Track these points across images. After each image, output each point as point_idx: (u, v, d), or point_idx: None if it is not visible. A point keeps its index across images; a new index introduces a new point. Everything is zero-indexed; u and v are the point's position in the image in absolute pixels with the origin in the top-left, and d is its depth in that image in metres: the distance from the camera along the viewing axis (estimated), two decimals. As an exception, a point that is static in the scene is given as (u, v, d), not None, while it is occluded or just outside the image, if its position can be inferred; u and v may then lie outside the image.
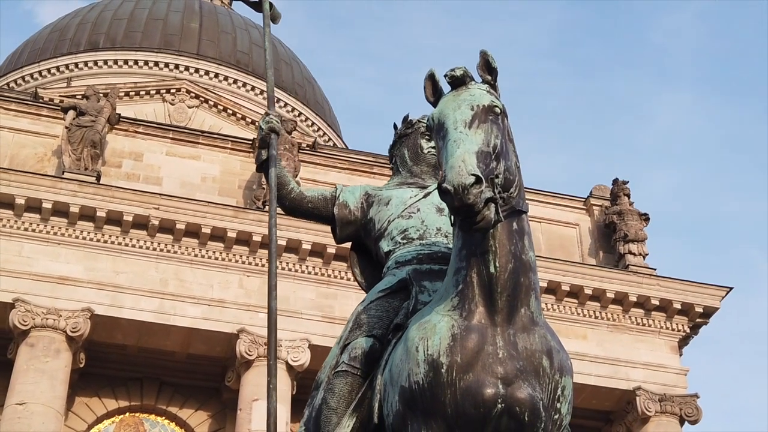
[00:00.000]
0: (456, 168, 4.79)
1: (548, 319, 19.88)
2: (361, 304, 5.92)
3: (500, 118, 5.23)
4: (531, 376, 5.05)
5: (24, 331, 19.31)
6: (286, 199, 6.31)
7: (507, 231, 5.15)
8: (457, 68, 5.36)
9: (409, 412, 5.13)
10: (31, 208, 20.34)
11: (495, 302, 5.12)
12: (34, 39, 36.49)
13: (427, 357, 5.05)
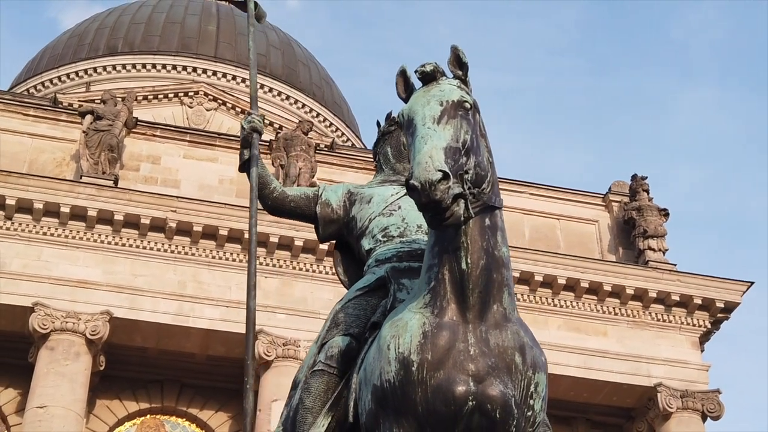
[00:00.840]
0: (423, 164, 4.74)
1: (568, 316, 19.96)
2: (339, 303, 5.90)
3: (471, 113, 5.17)
4: (503, 373, 5.01)
5: (44, 334, 19.44)
6: (268, 199, 6.32)
7: (479, 227, 5.11)
8: (428, 64, 5.32)
9: (381, 411, 5.11)
10: (49, 212, 20.48)
11: (467, 299, 5.09)
12: (53, 45, 36.73)
13: (398, 355, 5.03)
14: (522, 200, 24.71)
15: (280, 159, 22.93)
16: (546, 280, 22.67)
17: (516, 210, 24.48)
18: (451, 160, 4.85)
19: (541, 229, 24.57)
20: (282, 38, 37.44)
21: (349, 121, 38.02)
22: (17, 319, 19.78)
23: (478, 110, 5.33)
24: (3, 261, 20.04)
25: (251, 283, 5.96)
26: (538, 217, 24.72)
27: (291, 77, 35.56)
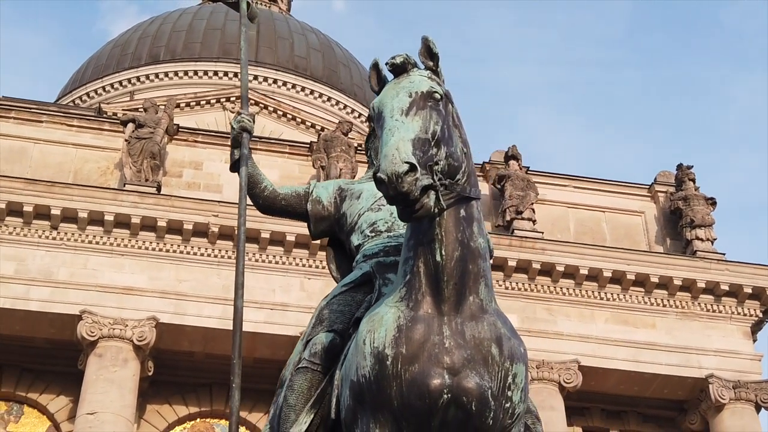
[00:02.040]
0: (389, 156, 4.67)
1: (615, 309, 19.78)
2: (325, 299, 5.86)
3: (442, 104, 5.09)
4: (479, 365, 4.94)
5: (92, 342, 19.68)
6: (259, 198, 6.29)
7: (454, 218, 5.04)
8: (398, 56, 5.24)
9: (359, 406, 5.08)
10: (94, 221, 20.73)
11: (441, 291, 5.04)
12: (97, 55, 37.19)
13: (373, 350, 4.98)
14: (566, 194, 24.52)
15: (320, 160, 22.97)
16: (591, 273, 22.46)
17: (560, 204, 24.33)
18: (420, 152, 4.78)
19: (587, 222, 24.35)
20: (322, 40, 37.54)
21: (391, 121, 37.95)
22: (66, 327, 20.05)
23: (451, 101, 5.25)
24: (50, 270, 20.34)
25: (239, 282, 5.97)
26: (583, 210, 24.50)
27: (332, 78, 35.65)
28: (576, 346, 21.69)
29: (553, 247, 22.47)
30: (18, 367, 21.04)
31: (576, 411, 22.30)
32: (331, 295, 5.85)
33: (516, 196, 23.18)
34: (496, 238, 22.34)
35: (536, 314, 22.01)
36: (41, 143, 22.63)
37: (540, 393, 20.92)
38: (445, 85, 5.26)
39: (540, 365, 21.16)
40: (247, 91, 6.65)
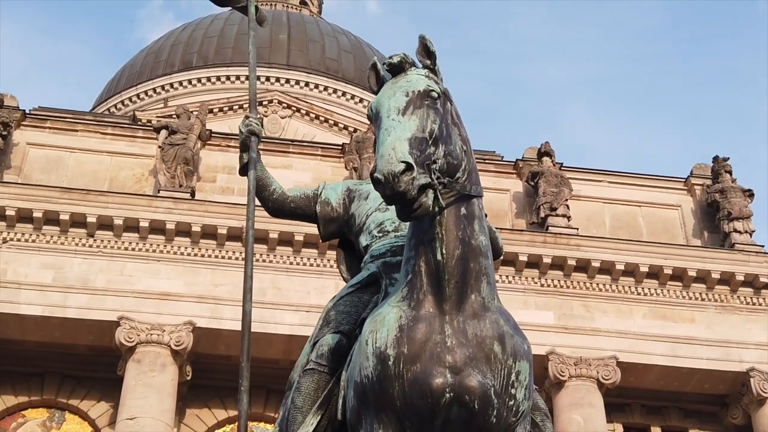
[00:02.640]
0: (386, 156, 4.66)
1: (653, 304, 19.56)
2: (332, 301, 5.86)
3: (439, 102, 5.06)
4: (482, 363, 4.92)
5: (130, 347, 19.85)
6: (269, 201, 6.28)
7: (454, 217, 5.03)
8: (395, 55, 5.22)
9: (363, 407, 5.07)
10: (129, 227, 20.92)
11: (443, 290, 5.02)
12: (131, 63, 37.51)
13: (375, 350, 4.98)
14: (601, 189, 24.37)
15: (353, 162, 22.99)
16: (628, 268, 22.29)
17: (595, 199, 24.18)
18: (417, 151, 4.76)
19: (623, 217, 24.17)
20: (353, 42, 37.60)
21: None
22: (104, 333, 20.24)
23: (450, 98, 5.21)
24: (88, 277, 20.54)
25: (247, 286, 5.93)
26: (619, 205, 24.33)
27: (363, 80, 35.62)
28: (614, 342, 21.54)
29: (589, 243, 22.33)
30: (59, 374, 21.28)
31: (616, 408, 22.14)
32: (338, 296, 5.85)
33: (550, 192, 23.06)
34: (530, 235, 22.27)
35: (573, 311, 21.88)
36: (77, 152, 22.86)
37: (578, 390, 20.83)
38: (443, 83, 5.23)
39: (578, 362, 21.04)
40: (255, 95, 6.66)
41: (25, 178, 22.07)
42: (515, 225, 23.27)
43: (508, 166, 24.65)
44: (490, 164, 25.02)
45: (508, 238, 22.08)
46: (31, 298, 20.23)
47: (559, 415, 20.78)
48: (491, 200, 23.84)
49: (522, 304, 21.71)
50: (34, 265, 20.54)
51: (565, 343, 21.32)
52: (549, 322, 21.56)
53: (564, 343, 21.30)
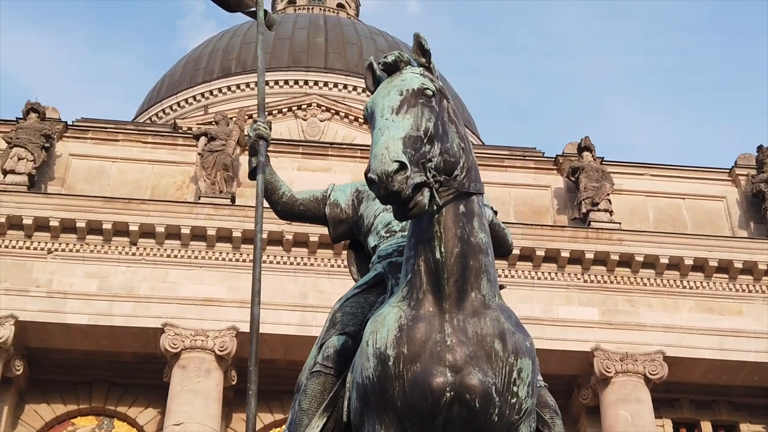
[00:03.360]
0: (379, 156, 4.62)
1: (699, 297, 19.27)
2: (338, 302, 5.82)
3: (435, 100, 5.01)
4: (482, 362, 4.86)
5: (175, 354, 20.01)
6: (278, 204, 6.25)
7: (453, 214, 4.99)
8: (390, 54, 5.20)
9: (365, 408, 5.04)
10: (171, 234, 21.08)
11: (443, 288, 4.98)
12: (171, 72, 37.82)
13: (376, 351, 4.95)
14: (643, 182, 24.13)
15: (392, 163, 22.97)
16: (672, 262, 22.03)
17: (638, 193, 23.95)
18: (411, 150, 4.72)
19: (666, 210, 23.90)
20: (390, 43, 37.58)
21: (464, 119, 37.86)
22: (149, 340, 20.42)
23: (446, 96, 5.16)
24: (132, 285, 20.74)
25: (255, 289, 5.93)
26: (663, 198, 24.06)
27: (402, 80, 35.66)
28: (660, 337, 21.30)
29: (632, 237, 22.11)
30: (107, 382, 21.51)
31: (664, 403, 21.90)
32: (345, 297, 5.83)
33: (591, 187, 22.87)
34: (572, 231, 22.09)
35: (617, 306, 21.67)
36: (118, 161, 23.09)
37: (625, 386, 20.63)
38: (439, 81, 5.19)
39: (624, 358, 20.83)
40: (263, 99, 6.65)
41: (69, 189, 22.34)
42: (557, 221, 23.11)
43: (548, 162, 24.49)
44: (530, 161, 24.88)
45: (549, 234, 21.96)
46: (76, 307, 20.47)
47: (606, 411, 20.60)
48: (532, 197, 23.72)
49: (565, 301, 21.58)
50: (79, 274, 20.78)
51: (611, 339, 21.12)
52: (593, 318, 21.38)
53: (609, 339, 21.11)
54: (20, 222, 20.88)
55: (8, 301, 20.24)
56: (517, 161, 24.74)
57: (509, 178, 23.93)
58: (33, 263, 20.87)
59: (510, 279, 21.62)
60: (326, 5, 42.90)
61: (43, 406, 21.28)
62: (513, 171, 24.20)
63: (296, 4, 43.34)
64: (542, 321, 21.20)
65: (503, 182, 23.76)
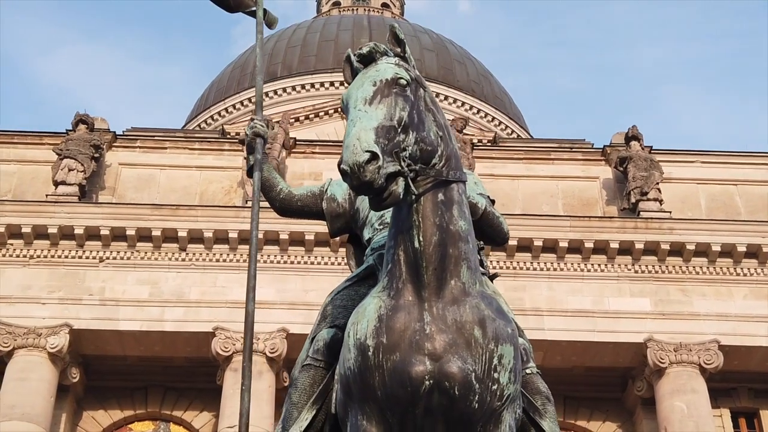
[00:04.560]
0: (351, 147, 4.63)
1: (753, 284, 18.95)
2: (329, 296, 5.84)
3: (409, 89, 5.01)
4: (462, 349, 4.86)
5: (226, 357, 20.18)
6: (276, 201, 6.28)
7: (432, 203, 4.99)
8: (364, 46, 5.21)
9: (348, 399, 5.06)
10: (219, 239, 21.28)
11: (421, 277, 4.98)
12: (218, 79, 38.17)
13: (356, 341, 4.97)
14: (693, 170, 23.80)
15: (437, 160, 22.93)
16: (725, 249, 21.69)
17: (689, 181, 23.63)
18: (385, 139, 4.72)
19: (719, 197, 23.54)
20: (435, 40, 37.54)
21: (512, 113, 37.67)
22: (201, 344, 20.61)
23: (423, 85, 5.16)
24: (182, 291, 20.97)
25: (250, 286, 5.95)
26: (714, 185, 23.71)
27: (447, 77, 35.60)
28: (714, 326, 20.99)
29: (682, 225, 21.81)
30: (162, 387, 21.77)
31: (722, 392, 21.56)
32: (336, 290, 5.86)
33: (639, 177, 22.60)
34: (621, 221, 21.87)
35: (670, 296, 21.39)
36: (167, 169, 23.35)
37: (680, 376, 20.37)
38: (415, 70, 5.18)
39: (678, 348, 20.56)
40: (261, 98, 6.67)
41: (119, 198, 22.65)
42: (606, 212, 22.89)
43: (596, 153, 24.27)
44: (578, 152, 24.68)
45: (597, 226, 21.76)
46: (129, 314, 20.75)
47: (661, 402, 20.36)
48: (580, 189, 23.52)
49: (616, 292, 21.36)
50: (131, 281, 21.06)
51: (664, 330, 20.86)
52: (645, 309, 21.13)
53: (662, 330, 20.85)
54: (72, 232, 21.22)
55: (62, 310, 20.59)
56: (564, 154, 24.56)
57: (557, 170, 23.77)
58: (86, 272, 21.20)
59: (559, 272, 21.50)
60: (371, 5, 43.00)
61: (100, 412, 21.62)
62: (560, 163, 24.03)
63: (341, 6, 43.52)
64: (593, 313, 21.04)
65: (551, 175, 23.63)
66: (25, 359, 20.07)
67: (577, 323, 20.92)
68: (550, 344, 20.93)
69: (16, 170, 23.05)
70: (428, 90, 5.24)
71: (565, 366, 21.44)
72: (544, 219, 21.89)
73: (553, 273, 21.50)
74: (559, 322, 20.94)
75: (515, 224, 21.60)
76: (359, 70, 5.21)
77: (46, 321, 20.41)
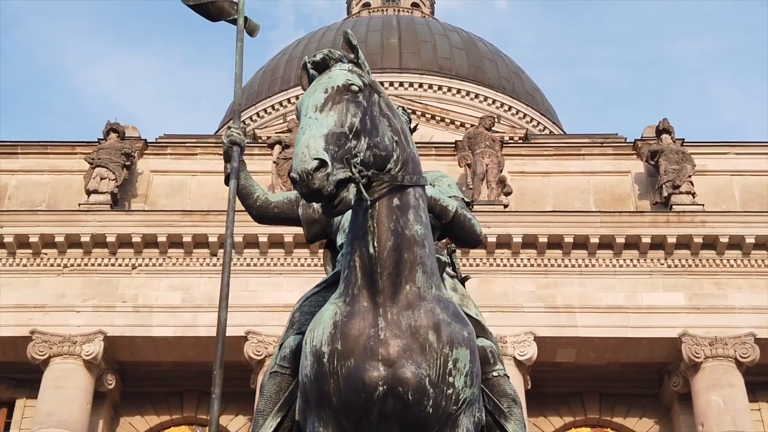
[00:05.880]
0: (299, 155, 4.64)
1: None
2: (298, 302, 5.83)
3: (362, 95, 5.01)
4: (416, 354, 4.85)
5: (259, 361, 20.27)
6: (252, 208, 6.28)
7: (387, 208, 4.98)
8: (318, 53, 5.22)
9: (306, 406, 5.07)
10: (249, 243, 21.38)
11: (376, 282, 4.98)
12: (250, 84, 38.29)
13: (312, 348, 4.98)
14: (727, 162, 23.52)
15: (466, 158, 22.87)
16: (759, 241, 21.42)
17: (722, 173, 23.37)
18: (335, 146, 4.73)
19: (754, 189, 23.23)
20: (465, 38, 37.44)
21: (544, 109, 37.48)
22: (234, 349, 20.63)
23: (377, 90, 5.16)
24: (214, 296, 21.00)
25: (223, 294, 5.95)
26: (749, 176, 23.42)
27: (477, 75, 35.47)
28: (750, 319, 20.73)
29: (714, 218, 21.56)
30: (197, 391, 21.89)
31: (760, 386, 21.30)
32: (305, 297, 5.85)
33: (671, 170, 22.38)
34: (652, 216, 21.68)
35: (704, 290, 21.15)
36: (198, 175, 23.48)
37: (716, 371, 20.14)
38: (369, 76, 5.18)
39: (713, 342, 20.32)
40: (239, 106, 6.69)
41: (152, 205, 22.83)
42: (639, 207, 22.68)
43: (627, 148, 24.07)
44: (609, 147, 24.49)
45: (628, 221, 21.58)
46: (162, 320, 20.91)
47: (698, 397, 20.14)
48: (612, 184, 23.33)
49: (650, 287, 21.17)
50: (163, 287, 21.22)
51: (698, 324, 20.63)
52: (679, 303, 20.92)
53: (697, 324, 20.62)
54: (104, 240, 21.44)
55: (96, 318, 20.80)
56: (594, 149, 24.38)
57: (588, 166, 23.60)
58: (119, 279, 21.41)
59: (590, 268, 21.35)
60: (400, 5, 42.99)
61: (137, 418, 21.83)
62: (591, 159, 23.85)
63: (371, 7, 43.54)
64: (626, 309, 20.87)
65: (582, 171, 23.47)
66: (60, 367, 20.31)
67: (610, 319, 20.78)
68: (584, 341, 20.84)
69: (50, 180, 23.34)
70: (383, 95, 5.25)
71: (599, 363, 21.32)
72: (574, 215, 21.75)
73: (585, 269, 21.35)
74: (591, 319, 20.81)
75: (545, 221, 21.55)
76: (314, 77, 5.21)
77: (81, 329, 20.65)
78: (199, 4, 6.79)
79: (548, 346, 20.65)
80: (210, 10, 6.84)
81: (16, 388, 21.70)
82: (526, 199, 22.87)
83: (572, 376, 21.60)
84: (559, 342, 20.89)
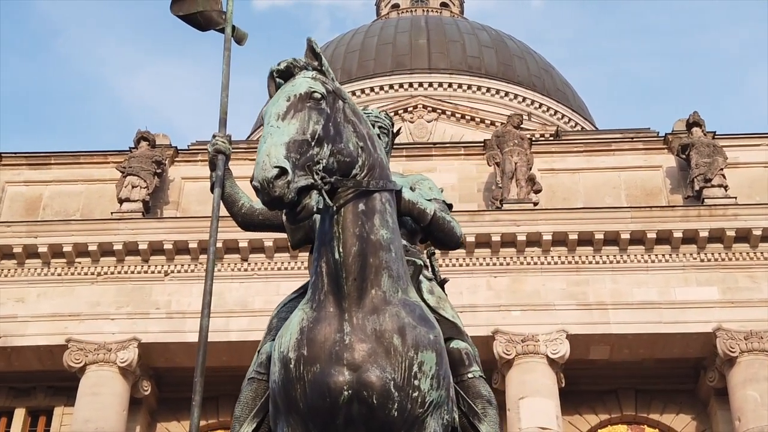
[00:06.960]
0: (260, 163, 4.68)
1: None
2: (276, 308, 5.90)
3: (325, 102, 5.04)
4: (381, 358, 4.89)
5: (292, 364, 20.31)
6: (238, 216, 6.34)
7: (352, 214, 5.02)
8: (282, 61, 5.25)
9: (276, 412, 5.13)
10: (279, 248, 21.48)
11: (342, 288, 5.02)
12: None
13: (280, 355, 5.04)
14: (759, 153, 23.29)
15: (495, 157, 22.82)
16: (793, 234, 21.14)
17: (756, 165, 23.12)
18: (296, 154, 4.76)
19: (789, 180, 22.94)
20: (494, 36, 37.35)
21: (575, 106, 37.28)
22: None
23: (342, 97, 5.18)
24: (246, 300, 21.20)
25: (205, 301, 5.96)
26: (783, 168, 23.12)
27: (507, 73, 35.37)
28: (786, 312, 20.47)
29: (747, 211, 21.33)
30: (232, 396, 21.57)
31: (798, 380, 20.99)
32: (282, 303, 5.93)
33: (702, 163, 22.18)
34: (683, 210, 21.51)
35: (738, 283, 20.94)
36: (229, 180, 23.56)
37: (751, 365, 19.93)
38: (334, 82, 5.22)
39: (748, 336, 20.10)
40: (225, 114, 6.72)
41: (183, 212, 23.00)
42: (671, 201, 22.50)
43: (657, 142, 23.90)
44: (639, 141, 24.34)
45: (659, 215, 21.42)
46: (195, 326, 20.70)
47: (734, 393, 19.94)
48: (643, 179, 23.15)
49: (682, 282, 20.99)
50: (196, 293, 21.32)
51: (733, 318, 20.42)
52: (713, 298, 20.73)
53: (731, 318, 20.41)
54: (136, 247, 21.64)
55: (131, 325, 21.01)
56: (625, 144, 24.23)
57: (619, 161, 23.45)
58: (152, 286, 21.60)
59: (622, 264, 21.21)
60: (429, 5, 42.99)
61: (173, 423, 21.98)
62: (621, 154, 23.70)
63: (399, 8, 43.56)
64: (659, 305, 20.71)
65: (612, 166, 23.32)
66: (96, 374, 20.54)
67: (643, 315, 20.62)
68: (617, 338, 20.71)
69: (84, 190, 23.59)
70: (349, 101, 5.29)
71: (634, 359, 21.17)
72: (604, 211, 21.62)
73: (617, 266, 21.22)
74: (624, 315, 20.68)
75: (574, 218, 21.44)
76: (280, 86, 5.26)
77: (116, 336, 20.86)
78: (188, 15, 6.86)
79: (581, 343, 20.55)
80: (199, 20, 6.93)
81: (54, 396, 21.98)
82: (557, 197, 22.77)
83: (606, 373, 21.47)
84: (593, 339, 20.79)
